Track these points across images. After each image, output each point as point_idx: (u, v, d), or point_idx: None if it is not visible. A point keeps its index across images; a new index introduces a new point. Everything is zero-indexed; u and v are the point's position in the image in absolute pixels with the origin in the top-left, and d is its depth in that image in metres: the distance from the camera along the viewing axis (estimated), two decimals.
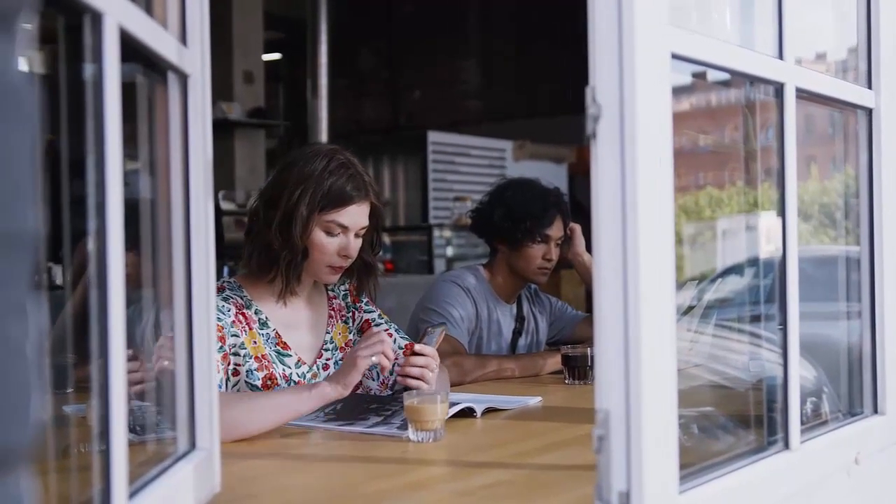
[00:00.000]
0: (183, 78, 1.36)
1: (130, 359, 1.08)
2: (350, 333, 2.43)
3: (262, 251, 2.24)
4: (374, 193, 2.28)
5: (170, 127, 1.36)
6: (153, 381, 1.49)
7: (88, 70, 1.02)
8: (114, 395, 1.02)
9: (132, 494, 1.10)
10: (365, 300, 2.47)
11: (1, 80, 0.50)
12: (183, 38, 1.36)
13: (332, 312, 2.41)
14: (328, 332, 2.38)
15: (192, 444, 1.39)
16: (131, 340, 1.08)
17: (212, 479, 1.43)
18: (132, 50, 1.12)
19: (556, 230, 3.07)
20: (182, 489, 1.30)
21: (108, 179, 1.01)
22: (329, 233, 2.22)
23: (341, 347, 2.39)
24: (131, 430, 1.12)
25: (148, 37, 1.17)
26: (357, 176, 2.24)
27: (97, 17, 1.00)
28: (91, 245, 1.03)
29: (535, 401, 2.40)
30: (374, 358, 2.01)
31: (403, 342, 2.43)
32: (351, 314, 2.45)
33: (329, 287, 2.43)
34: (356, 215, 2.24)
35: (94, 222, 1.02)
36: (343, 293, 2.46)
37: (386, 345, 2.04)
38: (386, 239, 7.88)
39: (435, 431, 1.89)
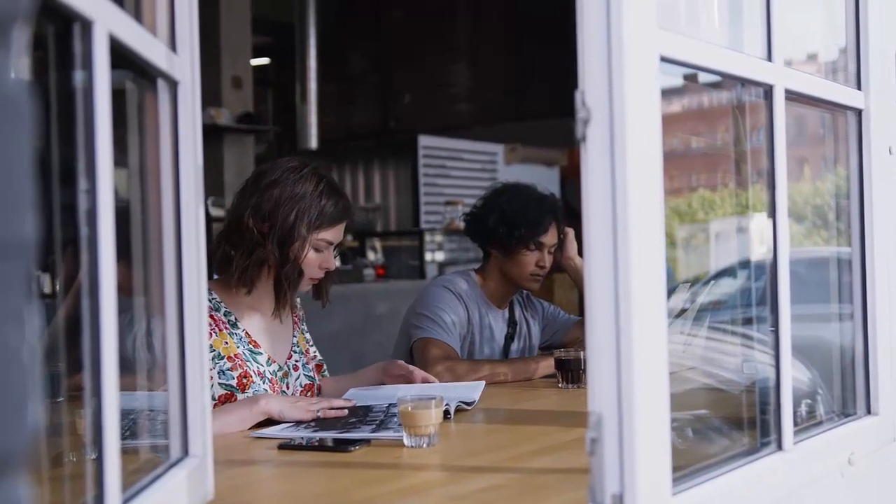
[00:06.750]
0: (173, 85, 1.36)
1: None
2: (307, 342, 2.57)
3: (255, 266, 2.31)
4: (351, 211, 2.45)
5: (160, 134, 1.36)
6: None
7: (78, 77, 1.01)
8: (106, 403, 1.01)
9: (125, 502, 1.10)
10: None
11: None
12: (172, 45, 1.36)
13: (296, 320, 2.55)
14: (294, 337, 2.51)
15: (185, 451, 1.39)
16: (123, 350, 1.07)
17: (204, 487, 1.43)
18: (121, 56, 1.12)
19: (550, 238, 3.05)
20: (175, 496, 1.29)
21: (98, 187, 1.01)
22: (317, 249, 2.35)
23: (304, 352, 2.52)
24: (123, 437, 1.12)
25: (138, 44, 1.17)
26: (344, 196, 2.40)
27: (87, 25, 1.00)
28: (82, 253, 1.03)
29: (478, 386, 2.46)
30: (319, 413, 2.17)
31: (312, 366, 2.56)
32: (305, 326, 2.60)
33: None
34: (341, 232, 2.41)
35: (85, 230, 1.01)
36: (299, 304, 2.61)
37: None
38: (377, 244, 7.88)
39: (429, 437, 1.89)
